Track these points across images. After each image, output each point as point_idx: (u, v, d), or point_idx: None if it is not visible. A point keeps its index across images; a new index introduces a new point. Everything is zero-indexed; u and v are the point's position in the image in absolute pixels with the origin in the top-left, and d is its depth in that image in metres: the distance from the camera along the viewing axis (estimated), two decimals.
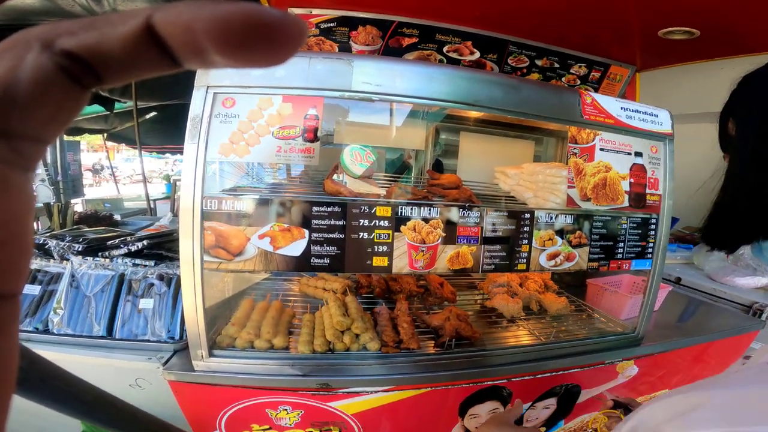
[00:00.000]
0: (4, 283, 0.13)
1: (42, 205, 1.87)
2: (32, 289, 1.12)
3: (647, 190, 1.19)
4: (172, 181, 5.70)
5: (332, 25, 1.78)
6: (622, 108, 1.14)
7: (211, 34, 0.13)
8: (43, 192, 3.25)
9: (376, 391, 1.10)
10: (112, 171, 7.48)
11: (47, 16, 1.84)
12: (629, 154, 1.17)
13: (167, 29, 0.13)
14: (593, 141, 1.12)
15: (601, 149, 1.13)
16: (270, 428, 1.11)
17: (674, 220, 2.53)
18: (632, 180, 1.17)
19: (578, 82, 2.22)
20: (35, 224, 2.07)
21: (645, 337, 1.35)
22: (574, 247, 1.16)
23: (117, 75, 0.14)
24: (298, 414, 1.09)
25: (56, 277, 1.15)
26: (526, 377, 1.22)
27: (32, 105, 0.13)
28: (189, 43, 0.13)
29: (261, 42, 0.13)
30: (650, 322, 1.33)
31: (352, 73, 0.93)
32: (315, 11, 1.75)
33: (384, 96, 0.96)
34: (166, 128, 5.03)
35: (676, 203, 1.24)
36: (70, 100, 0.14)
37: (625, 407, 1.10)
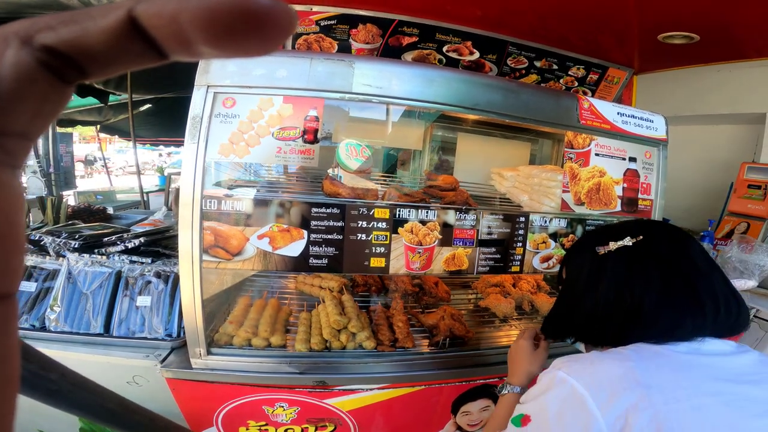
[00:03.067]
0: None
1: (34, 197, 1.84)
2: (29, 286, 1.12)
3: (639, 195, 1.22)
4: (166, 174, 5.64)
5: (332, 22, 1.77)
6: (618, 113, 1.16)
7: (197, 25, 0.12)
8: (34, 184, 3.21)
9: (371, 389, 1.11)
10: (105, 163, 7.37)
11: (43, 9, 1.80)
12: (623, 159, 1.19)
13: (151, 21, 0.13)
14: (589, 146, 1.14)
15: (597, 154, 1.15)
16: (266, 425, 1.12)
17: (665, 221, 2.57)
18: (625, 185, 1.19)
19: (576, 83, 2.23)
20: (28, 217, 2.05)
21: None
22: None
23: (101, 69, 0.14)
24: (295, 411, 1.11)
25: (53, 274, 1.14)
26: None
27: (15, 101, 0.13)
28: (174, 34, 0.13)
29: (249, 31, 0.13)
30: None
31: (353, 74, 0.94)
32: (315, 8, 1.74)
33: (384, 98, 0.97)
34: (161, 121, 4.97)
35: (667, 204, 1.26)
36: (53, 95, 0.14)
37: None
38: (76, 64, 0.13)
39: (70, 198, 4.05)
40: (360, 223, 1.00)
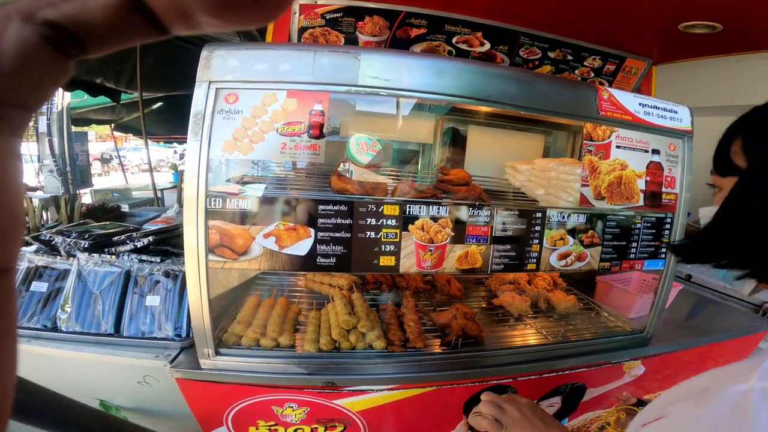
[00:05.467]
0: None
1: (49, 197, 1.87)
2: (40, 286, 1.12)
3: (663, 189, 1.16)
4: (178, 171, 5.71)
5: (338, 15, 1.73)
6: (640, 104, 1.10)
7: None
8: (51, 183, 3.27)
9: (381, 390, 1.09)
10: (120, 161, 7.52)
11: None
12: (646, 151, 1.13)
13: None
14: (609, 138, 1.08)
15: (618, 146, 1.10)
16: (276, 425, 1.11)
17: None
18: (648, 178, 1.13)
19: (592, 74, 2.15)
20: (44, 215, 2.08)
21: (653, 337, 1.33)
22: (586, 246, 1.14)
23: (101, 43, 0.14)
24: (304, 411, 1.09)
25: (63, 274, 1.15)
26: (532, 377, 1.21)
27: (16, 73, 0.13)
28: (174, 6, 0.13)
29: None
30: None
31: (358, 67, 0.90)
32: (321, 1, 1.71)
33: (392, 91, 0.93)
34: (172, 118, 5.02)
35: (691, 197, 1.20)
36: (54, 68, 0.14)
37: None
38: (77, 39, 0.14)
39: (86, 196, 4.13)
40: (369, 220, 0.97)
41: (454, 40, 1.90)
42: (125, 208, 2.23)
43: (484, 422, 0.84)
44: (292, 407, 1.09)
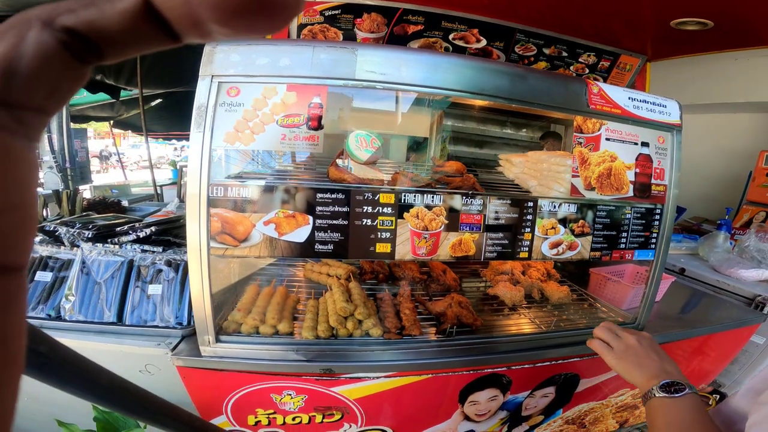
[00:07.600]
0: (9, 255, 0.13)
1: (51, 192, 1.89)
2: (44, 276, 1.14)
3: (653, 181, 1.19)
4: (178, 167, 5.73)
5: (337, 12, 1.76)
6: (629, 98, 1.12)
7: (208, 4, 0.13)
8: (51, 179, 3.28)
9: (378, 377, 1.12)
10: (119, 157, 7.53)
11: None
12: (636, 144, 1.16)
13: (164, 3, 0.13)
14: (599, 131, 1.11)
15: (607, 139, 1.12)
16: (274, 412, 1.14)
17: (681, 210, 2.51)
18: (638, 170, 1.16)
19: (587, 71, 2.18)
20: (45, 211, 2.10)
21: (645, 328, 1.35)
22: (577, 236, 1.17)
23: (117, 50, 0.15)
24: (302, 399, 1.12)
25: (67, 264, 1.17)
26: (526, 365, 1.24)
27: (35, 77, 0.13)
28: (186, 15, 0.13)
29: (258, 9, 0.13)
30: (652, 312, 1.34)
31: (356, 61, 0.93)
32: None
33: (388, 85, 0.96)
34: (172, 115, 5.04)
35: (684, 193, 1.23)
36: (71, 74, 0.14)
37: (722, 396, 1.07)
38: (94, 45, 0.14)
39: (86, 192, 4.14)
40: (365, 208, 1.00)
41: (450, 37, 1.93)
42: (125, 203, 2.25)
43: (595, 344, 0.89)
44: (290, 395, 1.11)
